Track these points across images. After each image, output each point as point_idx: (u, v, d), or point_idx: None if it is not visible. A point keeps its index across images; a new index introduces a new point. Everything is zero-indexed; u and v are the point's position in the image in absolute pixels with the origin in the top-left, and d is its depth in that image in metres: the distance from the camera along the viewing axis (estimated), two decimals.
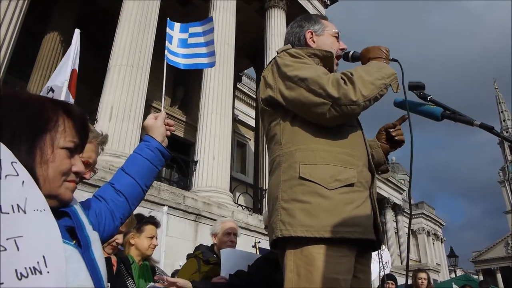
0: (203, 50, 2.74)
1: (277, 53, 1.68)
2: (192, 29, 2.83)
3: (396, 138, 1.78)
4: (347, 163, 1.46)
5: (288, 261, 1.40)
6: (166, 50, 2.74)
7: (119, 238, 2.19)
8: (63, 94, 3.52)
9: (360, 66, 1.56)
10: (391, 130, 1.79)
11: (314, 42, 1.74)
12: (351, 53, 1.74)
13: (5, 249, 0.59)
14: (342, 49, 1.76)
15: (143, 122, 6.75)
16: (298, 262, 1.37)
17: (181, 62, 2.81)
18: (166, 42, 2.74)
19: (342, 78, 1.43)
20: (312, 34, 1.75)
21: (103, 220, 1.06)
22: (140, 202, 1.22)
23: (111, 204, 1.11)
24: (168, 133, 1.31)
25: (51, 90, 3.69)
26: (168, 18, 2.86)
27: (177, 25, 2.82)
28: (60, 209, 0.87)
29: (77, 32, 4.04)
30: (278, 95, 1.55)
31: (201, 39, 2.76)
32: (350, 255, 1.39)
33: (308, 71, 1.50)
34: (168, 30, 2.81)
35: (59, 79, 3.78)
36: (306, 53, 1.62)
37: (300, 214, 1.38)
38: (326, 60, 1.64)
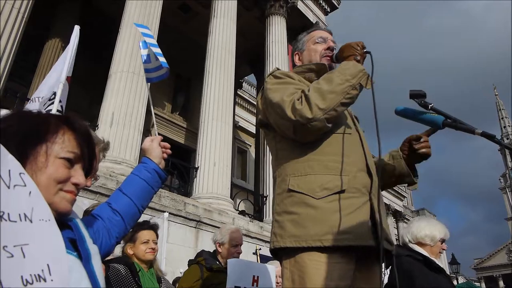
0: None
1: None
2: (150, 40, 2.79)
3: (419, 151, 1.67)
4: (337, 171, 1.47)
5: (284, 270, 1.46)
6: (145, 73, 2.70)
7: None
8: (58, 93, 3.27)
9: (324, 75, 1.59)
10: (415, 142, 1.68)
11: (300, 60, 1.87)
12: (334, 54, 1.78)
13: (12, 256, 0.61)
14: (328, 48, 1.81)
15: (144, 128, 6.71)
16: (292, 269, 1.42)
17: (156, 75, 2.76)
18: (143, 64, 2.70)
19: (298, 98, 1.48)
20: (298, 54, 1.89)
21: (100, 237, 1.08)
22: (136, 222, 1.25)
23: (107, 222, 1.13)
24: (165, 155, 1.34)
25: (36, 100, 3.42)
26: (139, 42, 2.79)
27: (149, 41, 2.72)
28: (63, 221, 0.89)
29: (76, 29, 3.66)
30: (265, 118, 1.66)
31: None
32: (344, 262, 1.39)
33: (278, 94, 1.56)
34: (142, 51, 2.75)
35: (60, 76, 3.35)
36: (302, 70, 1.76)
37: (289, 225, 1.44)
38: (322, 71, 1.70)
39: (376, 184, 1.53)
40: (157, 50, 2.63)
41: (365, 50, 1.59)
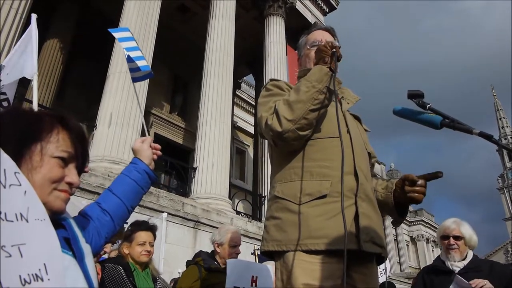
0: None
1: None
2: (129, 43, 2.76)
3: (408, 194, 1.54)
4: (321, 176, 1.48)
5: (276, 270, 1.51)
6: (130, 72, 2.68)
7: (106, 247, 2.22)
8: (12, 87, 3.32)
9: (295, 84, 1.62)
10: (407, 183, 1.54)
11: (301, 65, 1.87)
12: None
13: (10, 256, 0.61)
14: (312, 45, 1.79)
15: (141, 129, 6.69)
16: (282, 270, 1.46)
17: (140, 75, 2.73)
18: (127, 64, 2.67)
19: (272, 113, 1.53)
20: (299, 60, 1.90)
21: (90, 236, 1.09)
22: (125, 222, 1.26)
23: (97, 222, 1.13)
24: (155, 156, 1.35)
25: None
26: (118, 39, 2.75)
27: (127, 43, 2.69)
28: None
29: (33, 17, 3.72)
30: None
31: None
32: (331, 262, 1.38)
33: (260, 108, 1.62)
34: (125, 51, 2.71)
35: (27, 71, 3.56)
36: (299, 76, 1.77)
37: (272, 229, 1.50)
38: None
39: (364, 187, 1.51)
40: (137, 53, 2.62)
41: (333, 50, 1.55)
